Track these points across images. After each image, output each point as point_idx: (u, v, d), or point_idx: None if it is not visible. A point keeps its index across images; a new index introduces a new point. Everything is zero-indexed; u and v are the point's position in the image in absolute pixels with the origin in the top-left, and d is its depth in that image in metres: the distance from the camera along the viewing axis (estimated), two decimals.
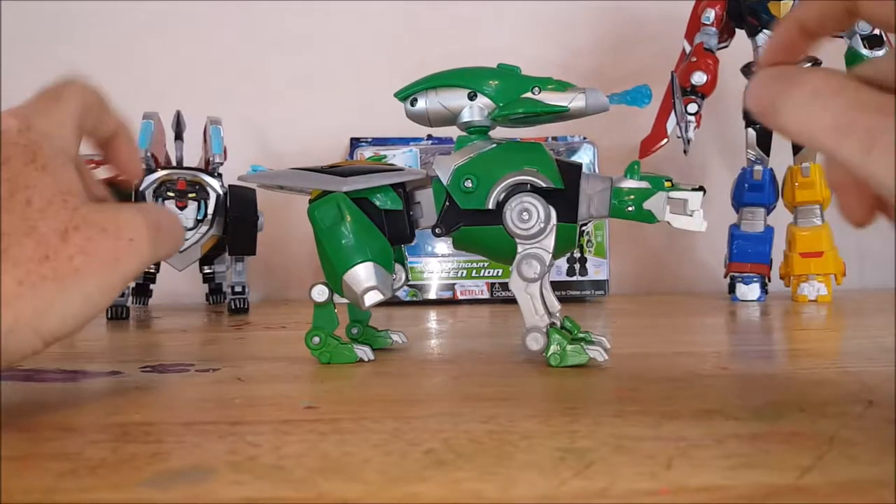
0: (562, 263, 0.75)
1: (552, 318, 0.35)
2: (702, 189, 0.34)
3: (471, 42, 0.91)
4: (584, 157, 0.75)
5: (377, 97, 0.57)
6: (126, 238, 0.26)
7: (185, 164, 0.66)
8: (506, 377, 0.33)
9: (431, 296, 0.75)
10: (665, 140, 0.70)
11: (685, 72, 0.69)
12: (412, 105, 0.36)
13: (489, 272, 0.75)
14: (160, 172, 0.62)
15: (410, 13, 0.93)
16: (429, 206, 0.37)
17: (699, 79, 0.69)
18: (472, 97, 0.35)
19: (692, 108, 0.69)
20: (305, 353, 0.37)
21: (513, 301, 0.36)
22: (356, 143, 0.77)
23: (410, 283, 0.74)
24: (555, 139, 0.77)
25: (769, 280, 0.74)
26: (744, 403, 0.27)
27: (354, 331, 0.40)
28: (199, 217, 0.63)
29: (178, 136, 0.67)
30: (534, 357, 0.35)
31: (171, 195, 0.62)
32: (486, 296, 0.75)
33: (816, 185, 0.71)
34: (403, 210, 0.36)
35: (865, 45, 0.67)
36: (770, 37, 0.27)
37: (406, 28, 0.93)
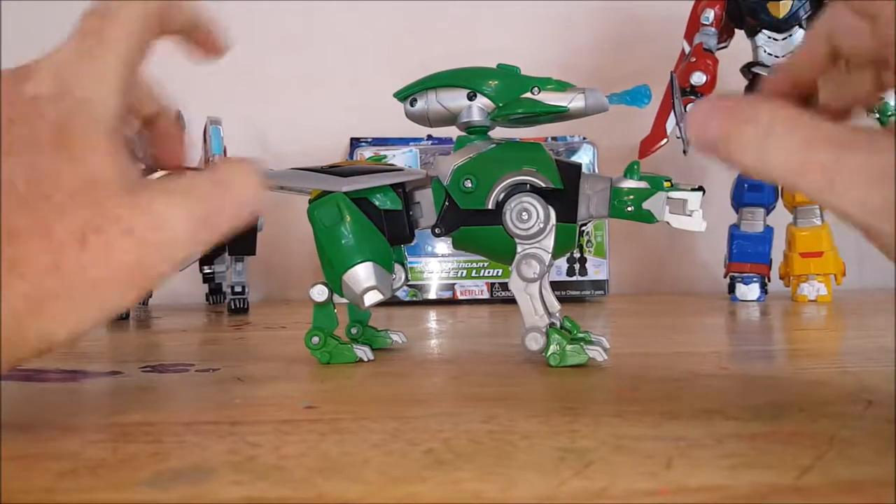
0: (562, 263, 0.75)
1: (552, 318, 0.35)
2: (701, 189, 0.34)
3: (471, 42, 0.91)
4: (584, 157, 0.75)
5: (377, 97, 0.57)
6: (155, 241, 0.22)
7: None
8: (506, 377, 0.33)
9: (431, 296, 0.75)
10: (664, 140, 0.70)
11: (684, 72, 0.69)
12: (412, 105, 0.36)
13: (489, 272, 0.75)
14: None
15: (410, 13, 0.93)
16: (428, 206, 0.36)
17: (699, 79, 0.69)
18: (472, 97, 0.35)
19: (692, 109, 0.69)
20: (305, 353, 0.37)
21: (512, 301, 0.36)
22: (356, 143, 0.77)
23: (410, 283, 0.74)
24: (555, 139, 0.77)
25: (769, 280, 0.74)
26: (744, 403, 0.27)
27: (354, 331, 0.40)
28: None
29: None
30: (533, 357, 0.35)
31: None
32: (486, 296, 0.75)
33: None
34: (403, 210, 0.36)
35: None
36: (797, 48, 0.27)
37: (406, 28, 0.93)
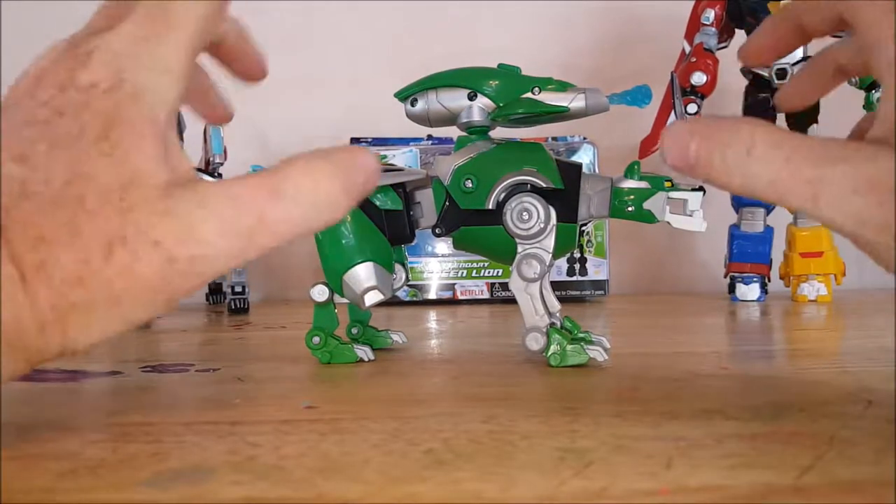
0: (562, 263, 0.75)
1: (552, 318, 0.35)
2: (702, 189, 0.34)
3: (471, 42, 0.91)
4: (584, 157, 0.75)
5: (377, 97, 0.57)
6: (186, 256, 0.20)
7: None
8: (506, 377, 0.33)
9: (431, 296, 0.75)
10: None
11: (685, 72, 0.69)
12: (412, 105, 0.36)
13: (489, 272, 0.75)
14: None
15: (410, 13, 0.93)
16: (429, 206, 0.37)
17: (699, 79, 0.69)
18: (472, 97, 0.35)
19: (692, 109, 0.69)
20: (305, 353, 0.37)
21: (513, 301, 0.36)
22: (356, 143, 0.77)
23: (410, 283, 0.74)
24: (555, 139, 0.77)
25: (769, 280, 0.74)
26: (744, 403, 0.27)
27: (354, 331, 0.40)
28: None
29: (179, 136, 0.67)
30: (534, 357, 0.35)
31: None
32: (486, 296, 0.75)
33: None
34: (403, 210, 0.36)
35: None
36: (762, 25, 0.27)
37: (406, 28, 0.93)
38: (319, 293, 0.37)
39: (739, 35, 0.73)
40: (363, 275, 0.34)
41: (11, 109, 0.21)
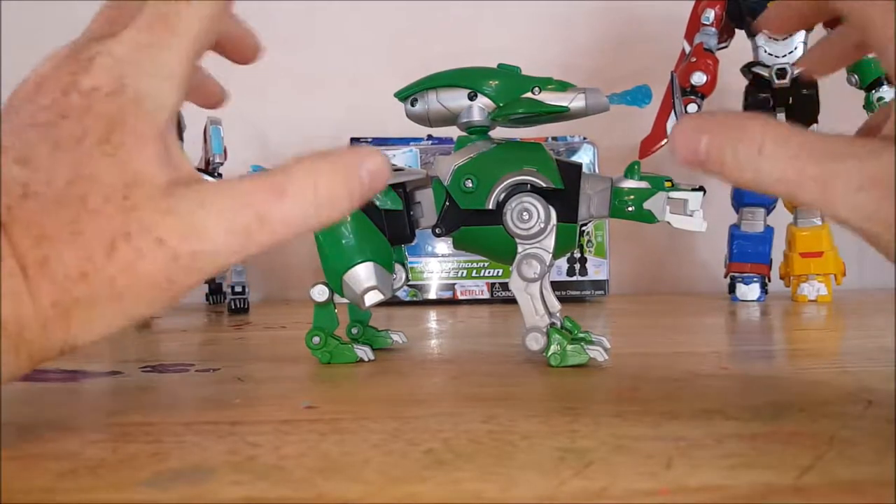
0: (562, 263, 0.75)
1: (552, 318, 0.35)
2: (702, 189, 0.34)
3: (471, 42, 0.91)
4: (584, 157, 0.75)
5: (377, 97, 0.57)
6: (188, 252, 0.21)
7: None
8: (506, 377, 0.33)
9: (431, 296, 0.75)
10: (665, 140, 0.70)
11: (685, 72, 0.69)
12: (412, 105, 0.36)
13: (489, 272, 0.75)
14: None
15: (411, 13, 0.93)
16: (429, 206, 0.36)
17: (699, 79, 0.69)
18: (473, 97, 0.35)
19: (692, 109, 0.69)
20: (305, 353, 0.37)
21: (513, 301, 0.36)
22: (356, 143, 0.77)
23: (410, 283, 0.74)
24: (555, 139, 0.77)
25: (769, 280, 0.74)
26: (744, 403, 0.27)
27: (354, 331, 0.40)
28: None
29: (179, 136, 0.67)
30: (534, 357, 0.35)
31: None
32: (486, 296, 0.75)
33: None
34: (404, 210, 0.36)
35: None
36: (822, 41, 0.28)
37: (406, 28, 0.93)
38: (319, 293, 0.37)
39: (739, 35, 0.73)
40: (363, 275, 0.34)
41: (13, 113, 0.21)
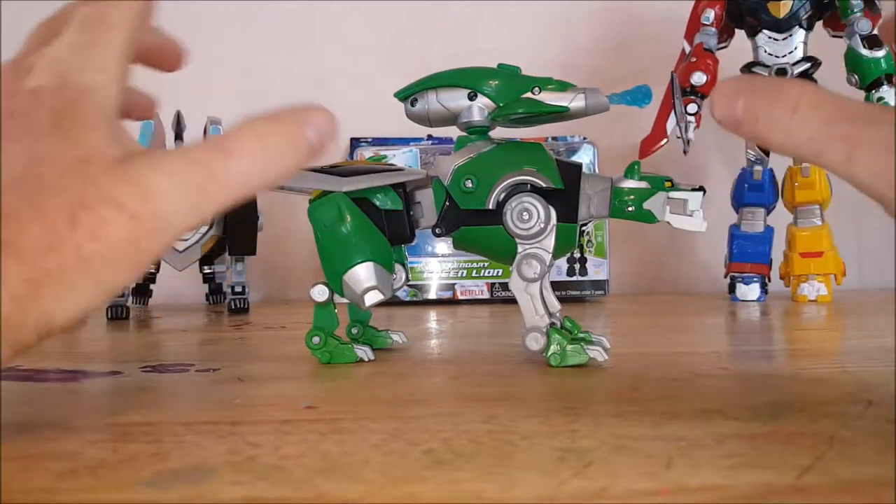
0: (562, 263, 0.75)
1: (552, 318, 0.35)
2: (702, 189, 0.34)
3: (471, 42, 0.91)
4: (584, 157, 0.75)
5: (377, 97, 0.57)
6: (149, 214, 0.21)
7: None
8: (506, 377, 0.33)
9: (431, 296, 0.75)
10: (665, 140, 0.70)
11: (685, 72, 0.69)
12: (412, 105, 0.36)
13: (489, 272, 0.75)
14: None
15: (411, 13, 0.93)
16: (429, 206, 0.36)
17: (699, 79, 0.69)
18: (472, 97, 0.35)
19: (692, 109, 0.69)
20: (305, 353, 0.37)
21: (513, 301, 0.36)
22: (356, 143, 0.77)
23: (410, 283, 0.74)
24: (555, 139, 0.77)
25: (769, 280, 0.74)
26: (744, 403, 0.27)
27: (354, 331, 0.40)
28: None
29: (179, 137, 0.67)
30: (534, 357, 0.35)
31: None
32: (486, 296, 0.75)
33: (816, 186, 0.71)
34: (403, 210, 0.36)
35: (865, 45, 0.67)
36: None
37: (407, 28, 0.93)
38: (319, 293, 0.37)
39: (739, 35, 0.73)
40: (363, 275, 0.34)
41: None
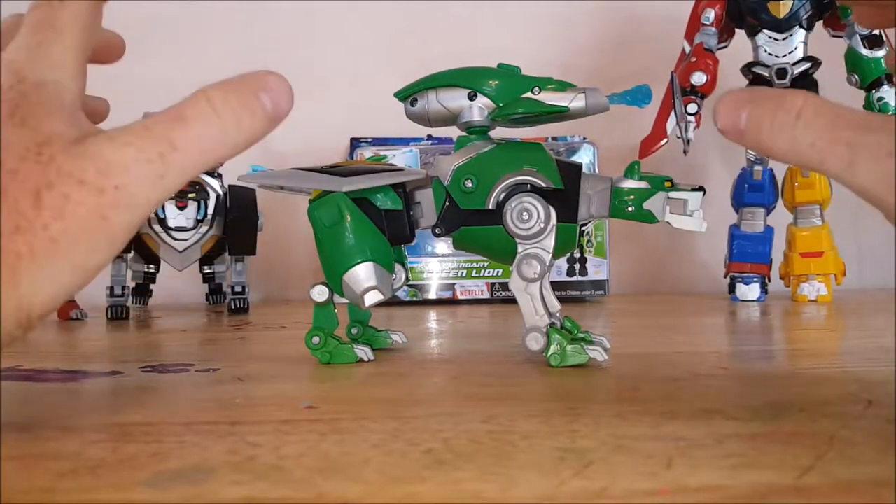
0: (562, 263, 0.75)
1: (552, 319, 0.35)
2: (702, 189, 0.34)
3: (471, 42, 0.91)
4: (584, 157, 0.75)
5: (377, 97, 0.57)
6: (111, 186, 0.22)
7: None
8: (506, 377, 0.33)
9: (431, 296, 0.75)
10: (665, 140, 0.70)
11: (685, 72, 0.69)
12: (412, 105, 0.36)
13: (489, 272, 0.75)
14: None
15: (411, 13, 0.93)
16: (429, 206, 0.36)
17: (699, 79, 0.69)
18: (472, 97, 0.35)
19: (692, 109, 0.69)
20: (305, 353, 0.37)
21: (513, 301, 0.36)
22: (356, 143, 0.77)
23: (410, 283, 0.74)
24: (555, 139, 0.77)
25: (769, 280, 0.74)
26: (744, 403, 0.27)
27: (354, 331, 0.40)
28: (199, 217, 0.64)
29: None
30: (534, 357, 0.35)
31: (171, 195, 0.62)
32: (486, 296, 0.75)
33: (816, 186, 0.71)
34: (403, 210, 0.36)
35: (865, 45, 0.68)
36: None
37: (406, 28, 0.93)
38: (319, 293, 0.37)
39: (739, 35, 0.73)
40: (363, 275, 0.34)
41: None
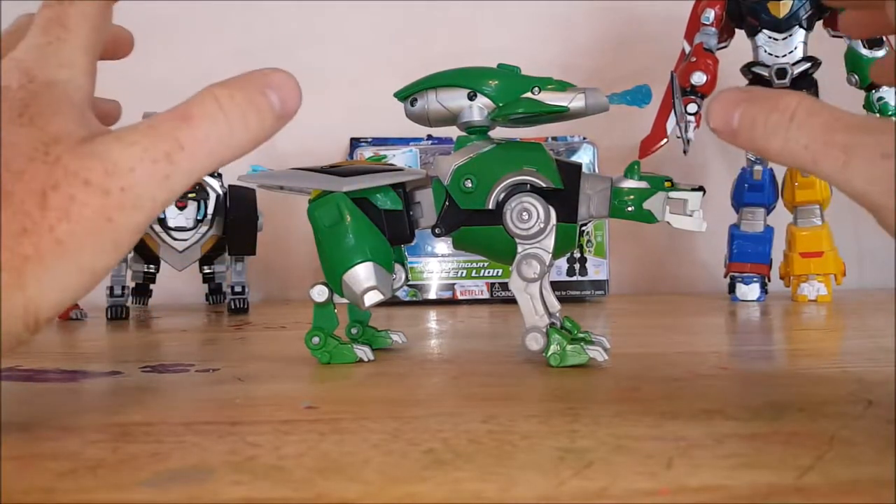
0: (562, 263, 0.75)
1: (552, 318, 0.35)
2: (701, 189, 0.34)
3: (471, 42, 0.91)
4: (584, 157, 0.75)
5: (377, 97, 0.57)
6: (117, 187, 0.21)
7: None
8: (506, 377, 0.33)
9: (431, 296, 0.75)
10: (665, 140, 0.70)
11: (685, 72, 0.69)
12: (412, 105, 0.36)
13: (489, 272, 0.75)
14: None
15: (411, 13, 0.93)
16: (429, 206, 0.36)
17: (699, 79, 0.69)
18: (472, 97, 0.35)
19: (692, 109, 0.69)
20: (305, 353, 0.37)
21: (513, 301, 0.36)
22: (356, 143, 0.77)
23: (410, 283, 0.74)
24: (555, 139, 0.77)
25: (769, 280, 0.74)
26: (744, 403, 0.27)
27: (354, 331, 0.40)
28: (199, 217, 0.64)
29: None
30: (534, 357, 0.35)
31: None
32: (486, 296, 0.75)
33: (816, 185, 0.71)
34: (403, 210, 0.36)
35: (865, 46, 0.68)
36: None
37: (406, 28, 0.93)
38: (319, 293, 0.37)
39: (739, 35, 0.73)
40: (363, 275, 0.34)
41: None
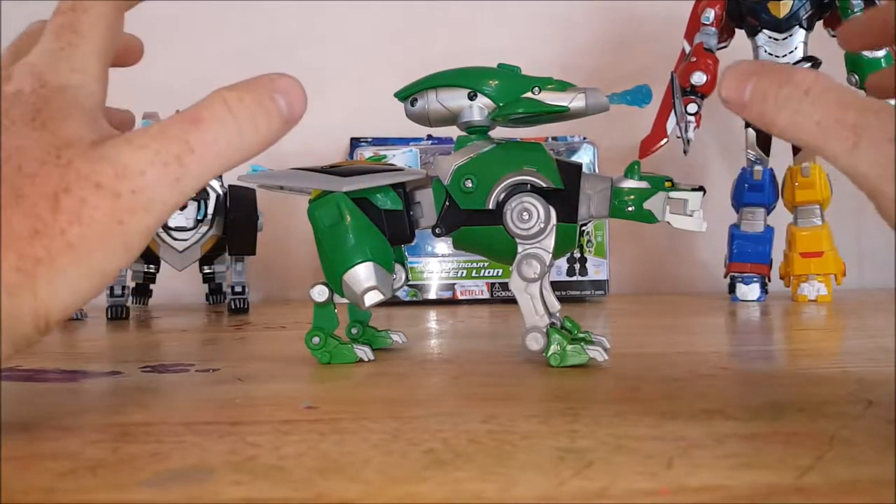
0: (562, 263, 0.75)
1: (552, 318, 0.35)
2: (702, 189, 0.34)
3: (471, 42, 0.91)
4: (584, 157, 0.75)
5: (377, 97, 0.57)
6: (127, 191, 0.22)
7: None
8: (506, 377, 0.33)
9: (431, 296, 0.75)
10: (665, 140, 0.70)
11: (685, 72, 0.69)
12: (412, 105, 0.36)
13: (489, 272, 0.75)
14: None
15: (411, 13, 0.93)
16: (429, 206, 0.36)
17: (699, 79, 0.69)
18: (472, 97, 0.35)
19: (692, 109, 0.69)
20: (305, 353, 0.37)
21: (513, 301, 0.36)
22: (356, 143, 0.77)
23: (410, 283, 0.74)
24: (555, 139, 0.77)
25: (769, 280, 0.74)
26: (744, 403, 0.27)
27: (354, 331, 0.40)
28: (199, 217, 0.64)
29: None
30: (534, 357, 0.35)
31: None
32: (486, 296, 0.75)
33: (816, 185, 0.71)
34: (403, 210, 0.36)
35: None
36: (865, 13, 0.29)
37: (406, 28, 0.93)
38: (319, 293, 0.37)
39: (739, 35, 0.73)
40: (363, 275, 0.34)
41: None
